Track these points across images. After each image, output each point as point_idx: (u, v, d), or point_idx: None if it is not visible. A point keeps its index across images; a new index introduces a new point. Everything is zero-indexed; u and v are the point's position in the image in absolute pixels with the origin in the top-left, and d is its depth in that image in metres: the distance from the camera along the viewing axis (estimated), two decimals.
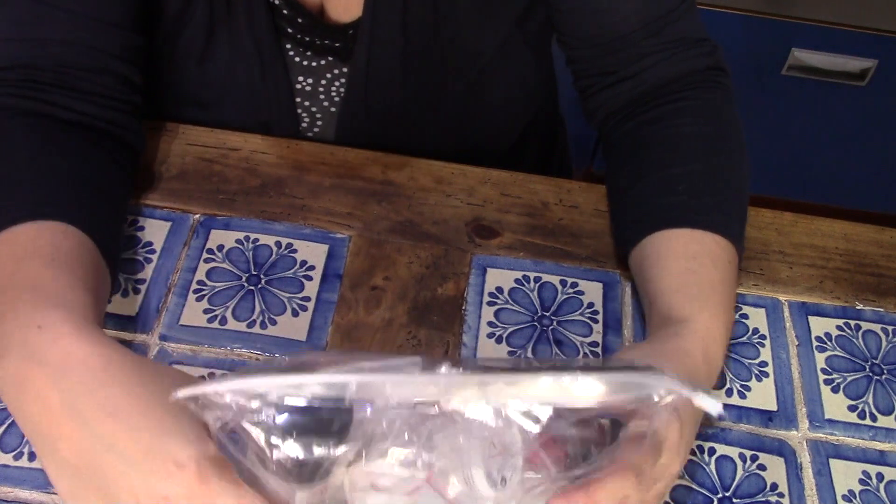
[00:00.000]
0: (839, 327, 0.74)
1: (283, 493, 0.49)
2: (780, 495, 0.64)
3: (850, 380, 0.71)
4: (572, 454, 0.52)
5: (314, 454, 0.46)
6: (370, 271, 0.74)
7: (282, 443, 0.46)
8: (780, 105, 1.72)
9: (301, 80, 0.83)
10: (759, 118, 1.74)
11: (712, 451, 0.66)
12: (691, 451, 0.65)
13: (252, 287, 0.72)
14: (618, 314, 0.73)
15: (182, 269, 0.72)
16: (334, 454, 0.47)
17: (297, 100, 0.84)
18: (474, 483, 0.48)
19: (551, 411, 0.47)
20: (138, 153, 0.76)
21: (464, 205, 0.79)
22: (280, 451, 0.46)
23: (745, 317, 0.74)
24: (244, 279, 0.72)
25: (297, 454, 0.46)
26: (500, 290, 0.73)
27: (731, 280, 0.68)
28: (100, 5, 0.71)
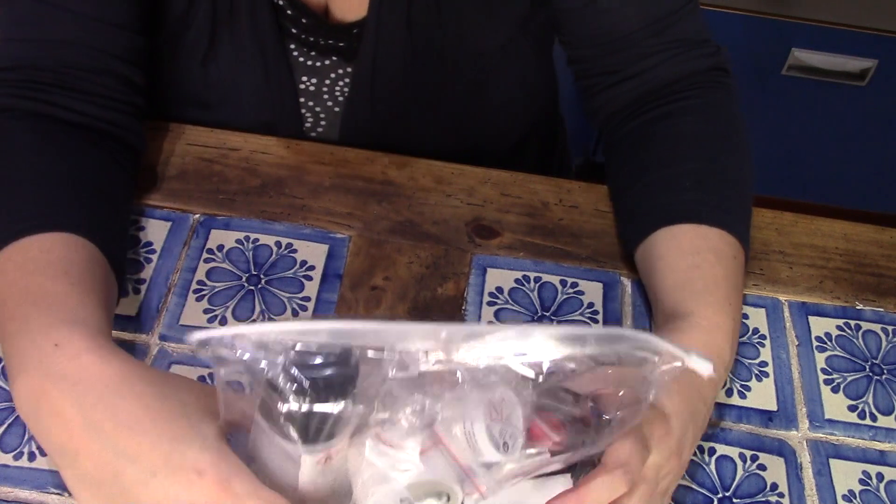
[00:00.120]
0: (839, 327, 0.74)
1: (291, 452, 0.49)
2: (780, 495, 0.64)
3: (850, 380, 0.71)
4: (570, 432, 0.52)
5: (321, 407, 0.47)
6: (370, 271, 0.74)
7: (290, 393, 0.47)
8: (780, 105, 1.72)
9: (305, 80, 0.83)
10: (759, 118, 1.74)
11: (712, 451, 0.66)
12: None
13: (252, 287, 0.72)
14: (618, 314, 0.73)
15: (182, 269, 0.72)
16: (340, 410, 0.48)
17: (301, 100, 0.84)
18: (476, 441, 0.49)
19: (549, 363, 0.49)
20: (140, 154, 0.76)
21: (464, 205, 0.79)
22: (288, 402, 0.47)
23: (746, 317, 0.74)
24: (244, 279, 0.72)
25: (304, 405, 0.47)
26: (500, 290, 0.73)
27: (737, 275, 0.68)
28: (102, 6, 0.70)
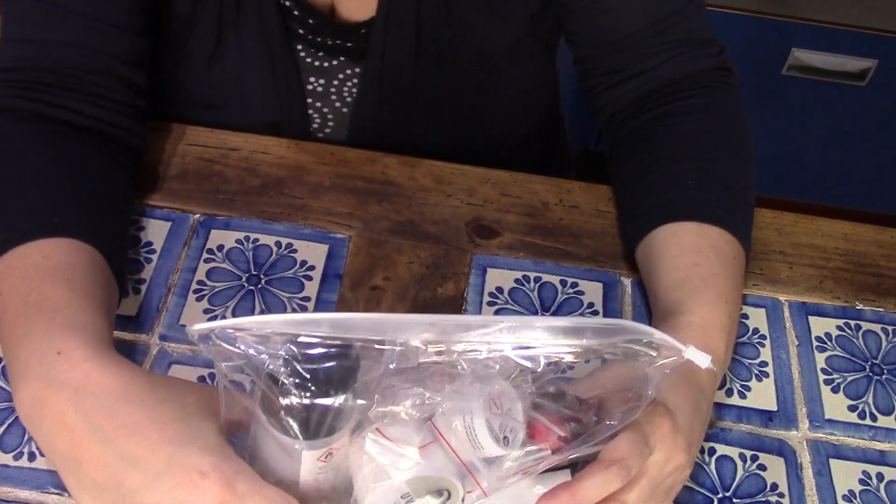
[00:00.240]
0: (839, 327, 0.74)
1: (292, 448, 0.49)
2: (780, 495, 0.64)
3: (850, 380, 0.71)
4: (571, 430, 0.52)
5: (322, 400, 0.47)
6: (370, 271, 0.73)
7: (291, 386, 0.47)
8: (780, 105, 1.72)
9: (312, 80, 0.82)
10: (759, 118, 1.74)
11: (712, 451, 0.66)
12: None
13: (252, 287, 0.72)
14: (618, 314, 0.73)
15: (182, 269, 0.72)
16: (341, 403, 0.48)
17: (308, 101, 0.83)
18: (476, 435, 0.49)
19: (548, 353, 0.49)
20: (141, 156, 0.76)
21: (464, 205, 0.79)
22: (289, 396, 0.47)
23: (745, 317, 0.74)
24: (244, 279, 0.72)
25: (305, 399, 0.47)
26: (500, 290, 0.73)
27: (735, 274, 0.68)
28: (105, 8, 0.70)
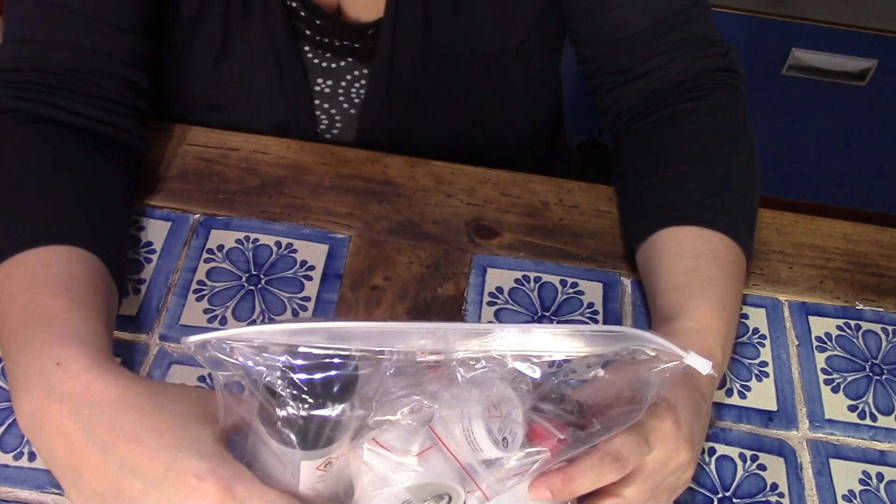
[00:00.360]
0: (839, 327, 0.74)
1: (290, 458, 0.49)
2: (780, 495, 0.64)
3: (850, 380, 0.71)
4: (571, 432, 0.52)
5: (319, 411, 0.47)
6: (370, 271, 0.73)
7: (289, 397, 0.47)
8: (780, 105, 1.72)
9: (320, 81, 0.82)
10: (759, 118, 1.73)
11: (712, 451, 0.66)
12: None
13: (252, 287, 0.72)
14: (618, 314, 0.73)
15: (182, 269, 0.72)
16: (339, 414, 0.47)
17: (316, 102, 0.83)
18: (475, 438, 0.49)
19: (548, 361, 0.49)
20: (142, 157, 0.76)
21: (464, 205, 0.79)
22: (286, 407, 0.47)
23: (745, 317, 0.74)
24: (244, 279, 0.72)
25: (303, 410, 0.47)
26: (500, 290, 0.73)
27: (734, 278, 0.68)
28: (108, 8, 0.70)
